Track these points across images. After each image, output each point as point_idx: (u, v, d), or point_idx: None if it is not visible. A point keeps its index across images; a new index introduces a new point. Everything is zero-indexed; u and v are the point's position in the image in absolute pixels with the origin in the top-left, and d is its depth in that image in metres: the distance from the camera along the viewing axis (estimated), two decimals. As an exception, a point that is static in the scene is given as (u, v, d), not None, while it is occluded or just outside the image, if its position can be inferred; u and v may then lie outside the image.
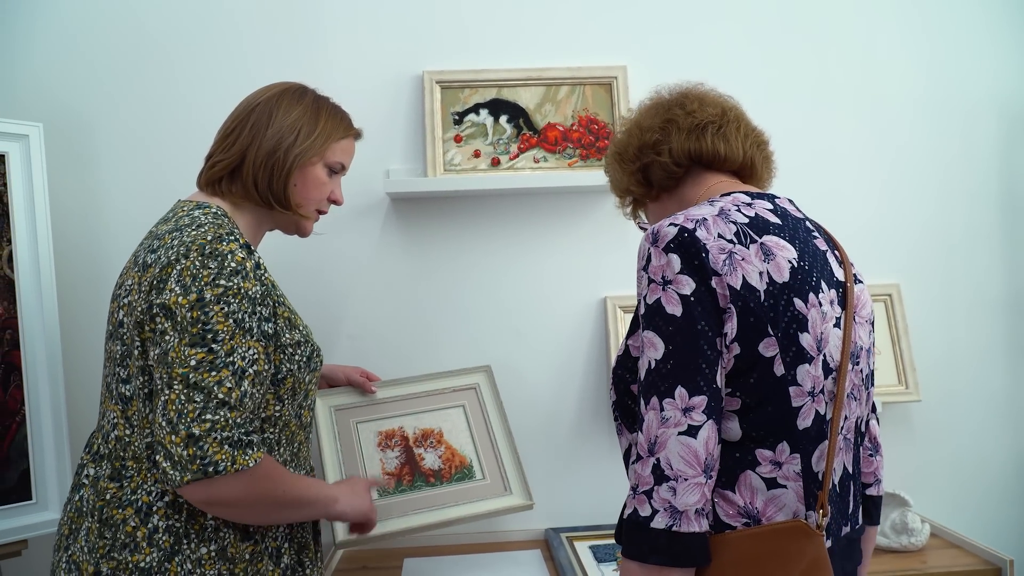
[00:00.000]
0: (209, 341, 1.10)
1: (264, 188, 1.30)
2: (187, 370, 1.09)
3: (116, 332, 1.21)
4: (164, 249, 1.16)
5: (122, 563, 1.14)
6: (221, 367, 1.10)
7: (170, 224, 1.23)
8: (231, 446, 1.08)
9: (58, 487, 1.64)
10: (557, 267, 2.00)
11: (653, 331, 1.01)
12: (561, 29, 2.00)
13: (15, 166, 1.67)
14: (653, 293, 1.02)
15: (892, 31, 2.06)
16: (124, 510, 1.16)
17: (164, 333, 1.11)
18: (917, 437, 2.04)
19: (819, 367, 1.03)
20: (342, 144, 1.38)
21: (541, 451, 1.98)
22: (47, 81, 1.90)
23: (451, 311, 1.98)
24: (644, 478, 0.97)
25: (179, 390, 1.08)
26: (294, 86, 1.38)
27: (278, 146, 1.29)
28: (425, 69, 1.96)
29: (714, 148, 1.18)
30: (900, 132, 2.07)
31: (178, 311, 1.11)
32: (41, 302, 1.67)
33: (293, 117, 1.31)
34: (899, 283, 2.04)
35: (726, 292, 1.00)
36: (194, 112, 1.92)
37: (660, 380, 0.99)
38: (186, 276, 1.12)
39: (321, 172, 1.35)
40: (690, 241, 1.01)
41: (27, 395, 1.63)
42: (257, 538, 1.23)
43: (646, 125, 1.22)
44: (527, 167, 1.96)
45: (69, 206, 1.89)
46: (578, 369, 1.99)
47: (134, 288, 1.18)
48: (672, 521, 0.95)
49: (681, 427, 0.96)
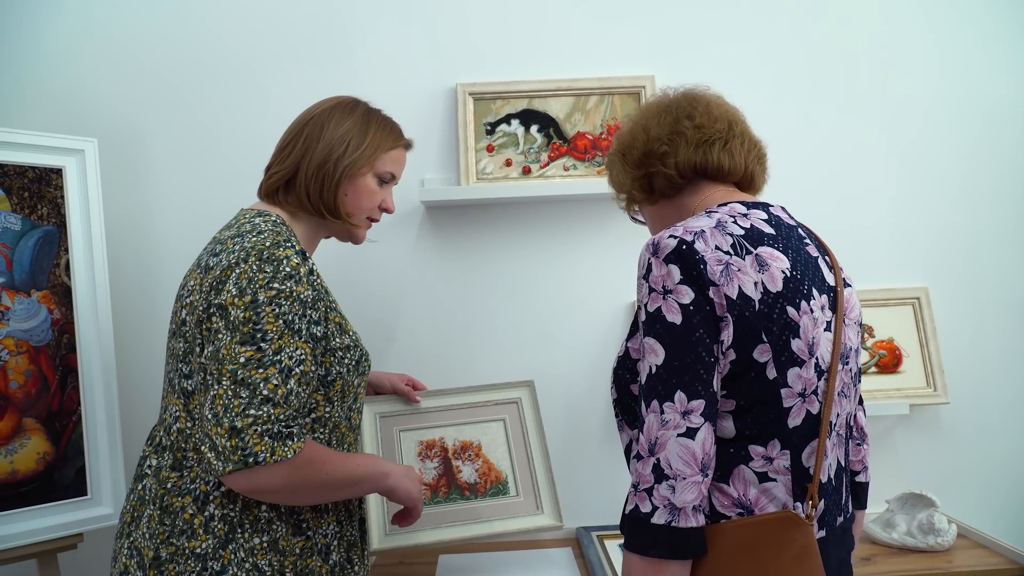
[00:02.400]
0: (258, 340, 1.15)
1: (316, 198, 1.35)
2: (236, 367, 1.14)
3: (179, 330, 1.26)
4: (225, 253, 1.22)
5: (180, 549, 1.20)
6: (268, 364, 1.14)
7: (232, 230, 1.28)
8: (271, 438, 1.12)
9: (111, 483, 1.68)
10: (587, 272, 2.03)
11: (654, 338, 1.05)
12: (590, 40, 2.03)
13: (72, 179, 1.73)
14: (654, 302, 1.06)
15: (916, 33, 2.07)
16: (183, 498, 1.22)
17: (218, 332, 1.17)
18: (945, 439, 2.05)
19: (811, 370, 1.07)
20: (392, 154, 1.42)
21: (572, 452, 2.02)
22: (102, 97, 1.97)
23: (484, 315, 2.03)
24: (645, 476, 1.03)
25: (227, 385, 1.13)
26: (346, 100, 1.43)
27: (328, 157, 1.34)
28: (458, 82, 2.00)
29: (719, 163, 1.21)
30: (925, 135, 2.07)
31: (232, 311, 1.16)
32: (96, 308, 1.72)
33: (343, 129, 1.36)
34: (927, 286, 2.05)
35: (723, 301, 1.04)
36: (240, 127, 1.98)
37: (660, 384, 1.03)
38: (243, 279, 1.18)
39: (371, 182, 1.40)
40: (689, 253, 1.05)
41: (83, 396, 1.68)
42: (309, 534, 1.28)
43: (654, 133, 1.24)
44: (557, 175, 2.01)
45: (122, 216, 1.96)
46: (607, 372, 1.99)
47: (196, 288, 1.24)
48: (671, 517, 1.01)
49: (680, 429, 1.01)
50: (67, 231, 1.71)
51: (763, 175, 1.29)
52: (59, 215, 1.71)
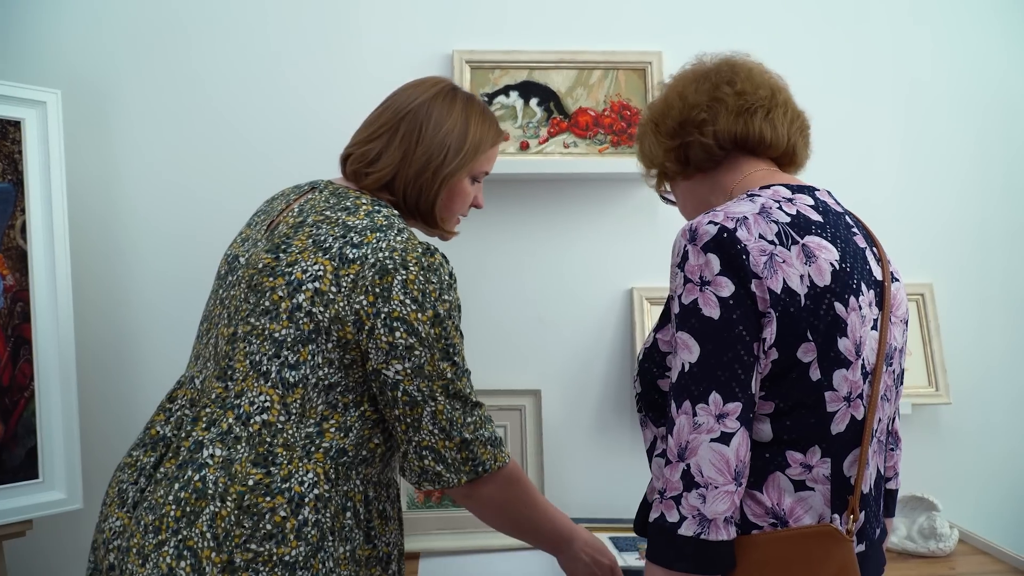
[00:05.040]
0: (452, 354, 1.17)
1: (412, 205, 1.30)
2: (446, 382, 1.16)
3: (280, 312, 1.14)
4: (370, 249, 1.14)
5: (263, 555, 1.07)
6: (463, 374, 1.19)
7: (361, 218, 1.19)
8: (492, 445, 1.20)
9: (65, 466, 1.60)
10: (583, 255, 1.96)
11: (688, 333, 0.98)
12: (596, 11, 1.95)
13: (31, 133, 1.63)
14: (690, 293, 0.99)
15: (928, 23, 2.03)
16: (273, 499, 1.09)
17: (412, 348, 1.14)
18: (946, 440, 2.01)
19: (857, 372, 1.01)
20: (489, 154, 1.36)
21: (561, 442, 1.94)
22: (67, 47, 1.85)
23: (472, 297, 1.91)
24: (673, 483, 0.96)
25: (443, 401, 1.16)
26: (443, 89, 1.33)
27: (427, 166, 1.27)
28: (455, 48, 1.91)
29: (761, 133, 1.13)
30: (934, 127, 2.03)
31: (420, 328, 1.14)
32: (54, 275, 1.63)
33: (444, 131, 1.28)
34: (932, 282, 2.01)
35: (766, 296, 0.97)
36: (218, 87, 1.88)
37: (694, 384, 0.97)
38: (413, 289, 1.14)
39: (466, 184, 1.33)
40: (730, 242, 0.98)
41: (36, 370, 1.59)
42: (376, 542, 1.22)
43: (692, 100, 1.16)
44: (556, 152, 1.92)
45: (86, 176, 1.84)
46: (601, 360, 1.95)
47: (324, 276, 1.13)
48: (700, 529, 0.94)
49: (714, 433, 0.95)
50: (24, 189, 1.62)
51: (806, 150, 1.21)
52: (16, 172, 1.62)
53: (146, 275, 1.87)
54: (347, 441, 1.15)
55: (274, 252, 1.17)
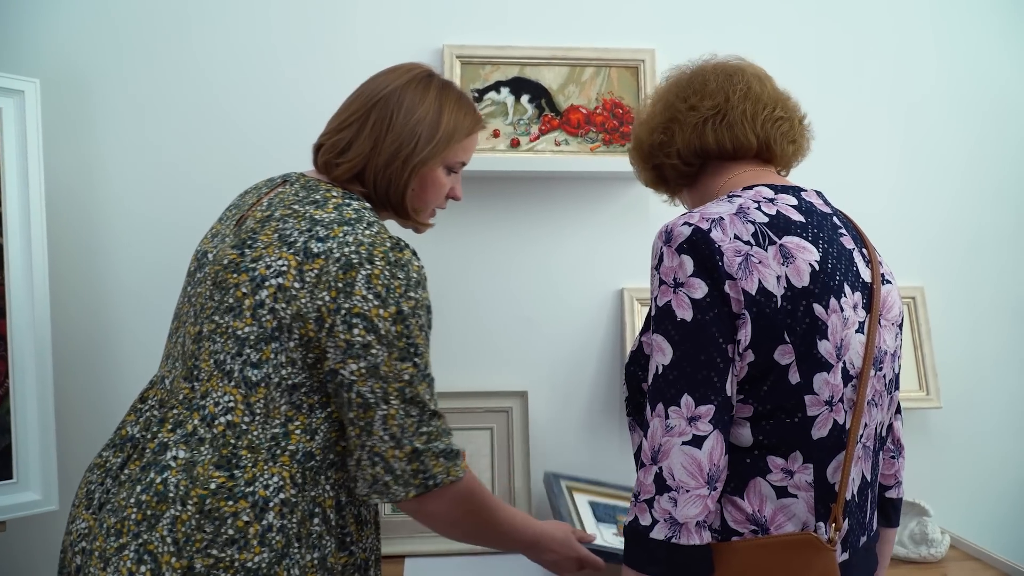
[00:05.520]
0: (413, 355, 1.11)
1: (383, 196, 1.25)
2: (402, 384, 1.10)
3: (243, 309, 1.10)
4: (336, 243, 1.09)
5: (223, 560, 1.03)
6: (424, 379, 1.12)
7: (329, 211, 1.14)
8: (446, 457, 1.12)
9: (41, 466, 1.55)
10: (574, 255, 1.93)
11: (662, 335, 0.99)
12: (589, 8, 1.92)
13: (8, 124, 1.59)
14: (664, 295, 0.99)
15: (924, 25, 2.01)
16: (236, 503, 1.05)
17: (369, 347, 1.08)
18: (937, 444, 1.99)
19: (838, 375, 0.99)
20: (465, 143, 1.30)
21: (548, 445, 1.91)
22: (46, 33, 1.79)
23: (459, 296, 1.91)
24: (646, 486, 0.96)
25: (397, 405, 1.10)
26: (417, 75, 1.28)
27: (396, 155, 1.22)
28: (445, 43, 1.88)
29: (718, 142, 1.13)
30: (926, 129, 2.02)
31: (380, 324, 1.08)
32: (31, 269, 1.59)
33: (415, 118, 1.23)
34: (922, 285, 1.99)
35: (740, 297, 0.97)
36: (204, 77, 1.84)
37: (667, 387, 0.97)
38: (376, 284, 1.09)
39: (439, 174, 1.28)
40: (704, 242, 0.98)
41: (11, 366, 1.54)
42: (352, 548, 1.17)
43: (654, 123, 1.18)
44: (548, 150, 1.89)
45: (66, 169, 1.79)
46: (590, 362, 1.92)
47: (288, 272, 1.09)
48: (671, 533, 0.94)
49: (685, 436, 0.95)
50: (0, 182, 1.58)
51: (786, 143, 1.17)
52: None
53: (127, 271, 1.82)
54: (314, 444, 1.11)
55: (239, 248, 1.14)
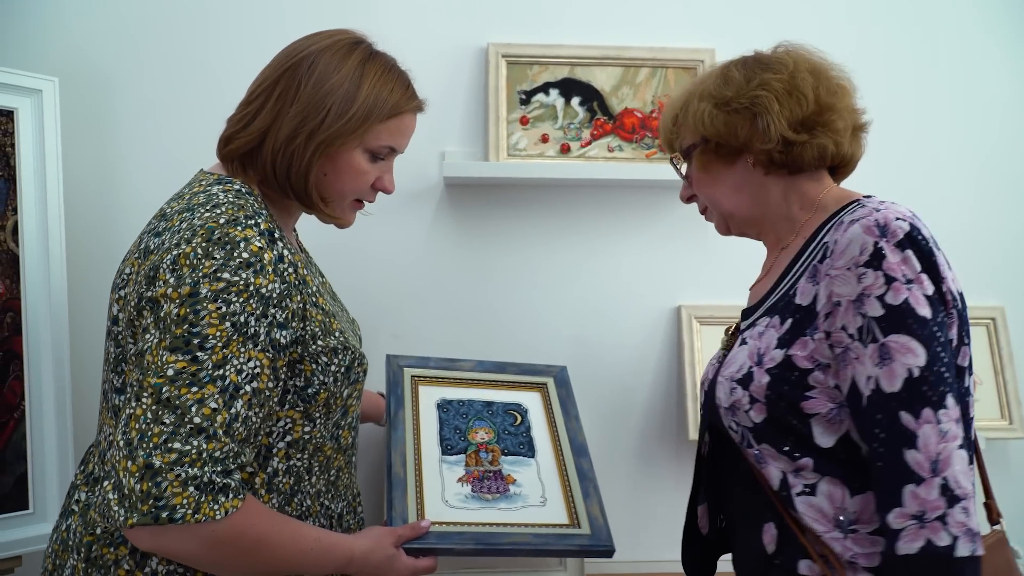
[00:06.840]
0: (194, 348, 0.91)
1: (283, 179, 1.07)
2: (162, 381, 0.90)
3: (111, 330, 1.03)
4: (170, 233, 0.98)
5: None
6: (206, 382, 0.90)
7: (182, 202, 1.03)
8: (198, 489, 0.88)
9: (59, 495, 1.50)
10: (628, 270, 1.86)
11: (907, 335, 0.95)
12: (645, 5, 1.85)
13: (25, 124, 1.56)
14: (898, 292, 0.96)
15: (998, 31, 1.92)
16: (116, 549, 0.98)
17: (146, 331, 0.94)
18: (1019, 478, 1.87)
19: None
20: (390, 124, 1.11)
21: (597, 473, 1.79)
22: (65, 30, 1.76)
23: (506, 312, 1.84)
24: (932, 502, 0.91)
25: (147, 404, 0.90)
26: (340, 40, 1.12)
27: (300, 128, 1.05)
28: (490, 41, 1.81)
29: (853, 153, 1.16)
30: (1004, 137, 1.92)
31: (164, 305, 0.92)
32: (48, 281, 1.55)
33: (325, 89, 1.05)
34: (1002, 306, 1.88)
35: (950, 296, 0.99)
36: (227, 74, 1.76)
37: (930, 390, 0.94)
38: (182, 265, 0.93)
39: (358, 159, 1.10)
40: (921, 239, 0.98)
41: (28, 388, 1.50)
42: None
43: (826, 102, 1.10)
44: (600, 156, 1.80)
45: (85, 171, 1.75)
46: (645, 385, 1.84)
47: (132, 278, 1.00)
48: (974, 546, 0.91)
49: (958, 440, 0.93)
50: (17, 186, 1.54)
51: None
52: (8, 167, 1.54)
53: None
54: None
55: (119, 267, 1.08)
